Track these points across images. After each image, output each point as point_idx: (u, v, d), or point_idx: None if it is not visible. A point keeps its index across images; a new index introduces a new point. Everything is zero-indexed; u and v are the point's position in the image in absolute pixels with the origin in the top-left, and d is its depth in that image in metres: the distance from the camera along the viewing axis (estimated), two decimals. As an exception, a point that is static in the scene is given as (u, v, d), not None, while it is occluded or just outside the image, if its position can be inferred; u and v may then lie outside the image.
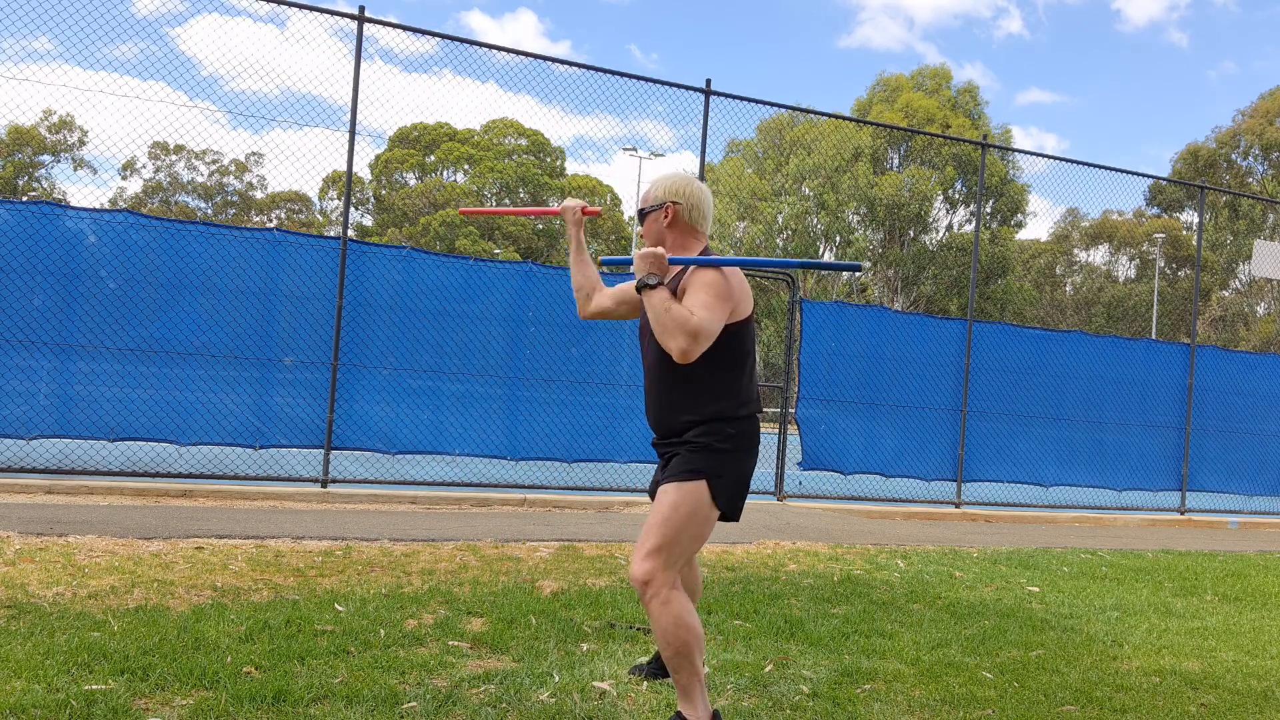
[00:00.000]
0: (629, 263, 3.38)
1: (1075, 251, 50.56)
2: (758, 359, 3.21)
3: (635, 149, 36.68)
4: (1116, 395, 12.28)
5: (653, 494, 3.17)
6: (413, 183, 49.16)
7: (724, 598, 5.14)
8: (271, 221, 49.66)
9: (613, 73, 9.96)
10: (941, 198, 41.76)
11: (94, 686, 3.10)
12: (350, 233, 9.99)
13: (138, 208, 42.95)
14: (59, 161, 45.70)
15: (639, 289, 3.04)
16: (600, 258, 3.45)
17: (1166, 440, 12.58)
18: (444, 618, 4.30)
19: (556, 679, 3.55)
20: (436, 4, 76.42)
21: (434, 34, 9.39)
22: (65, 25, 8.10)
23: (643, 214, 3.27)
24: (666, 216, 3.20)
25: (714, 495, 3.05)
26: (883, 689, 3.75)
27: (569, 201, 3.60)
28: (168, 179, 49.55)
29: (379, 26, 9.09)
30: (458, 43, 9.58)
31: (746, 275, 3.29)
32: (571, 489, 9.54)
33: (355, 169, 8.94)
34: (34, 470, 7.84)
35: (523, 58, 9.97)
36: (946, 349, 11.37)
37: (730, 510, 3.12)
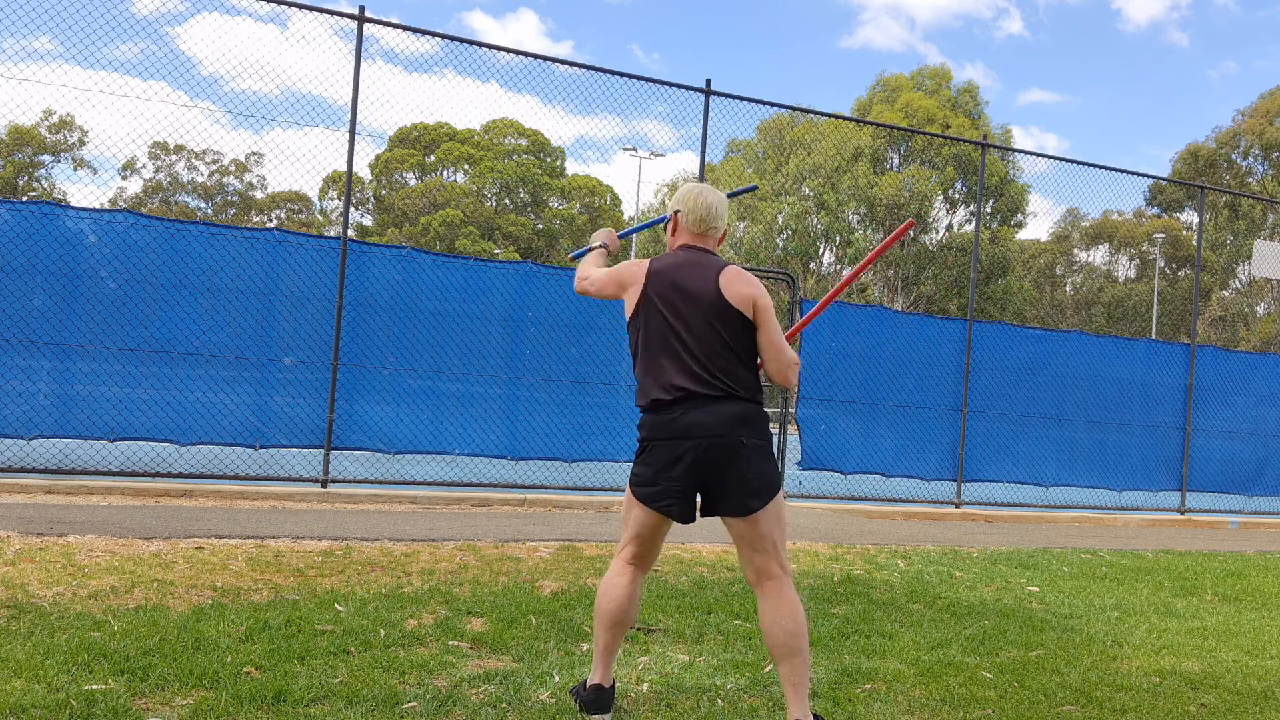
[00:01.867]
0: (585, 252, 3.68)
1: (1075, 251, 50.57)
2: (693, 348, 3.14)
3: (635, 149, 36.72)
4: (1116, 395, 12.28)
5: None
6: (413, 183, 49.16)
7: (724, 598, 5.14)
8: (271, 221, 49.65)
9: (613, 73, 9.97)
10: (941, 198, 41.76)
11: (94, 686, 3.10)
12: (350, 233, 10.00)
13: (138, 208, 42.97)
14: (59, 161, 45.71)
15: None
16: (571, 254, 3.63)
17: (1166, 440, 12.58)
18: (444, 618, 4.30)
19: (556, 679, 3.55)
20: (438, 4, 76.38)
21: (434, 34, 9.40)
22: (66, 25, 8.10)
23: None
24: (673, 223, 3.42)
25: (629, 485, 3.28)
26: (883, 689, 3.75)
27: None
28: (168, 179, 49.55)
29: (381, 26, 9.10)
30: (459, 43, 9.60)
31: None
32: (571, 489, 9.54)
33: (355, 169, 8.95)
34: (34, 470, 7.84)
35: (524, 58, 9.98)
36: (946, 349, 11.37)
37: (644, 499, 3.18)
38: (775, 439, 10.71)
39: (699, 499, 3.21)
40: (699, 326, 3.14)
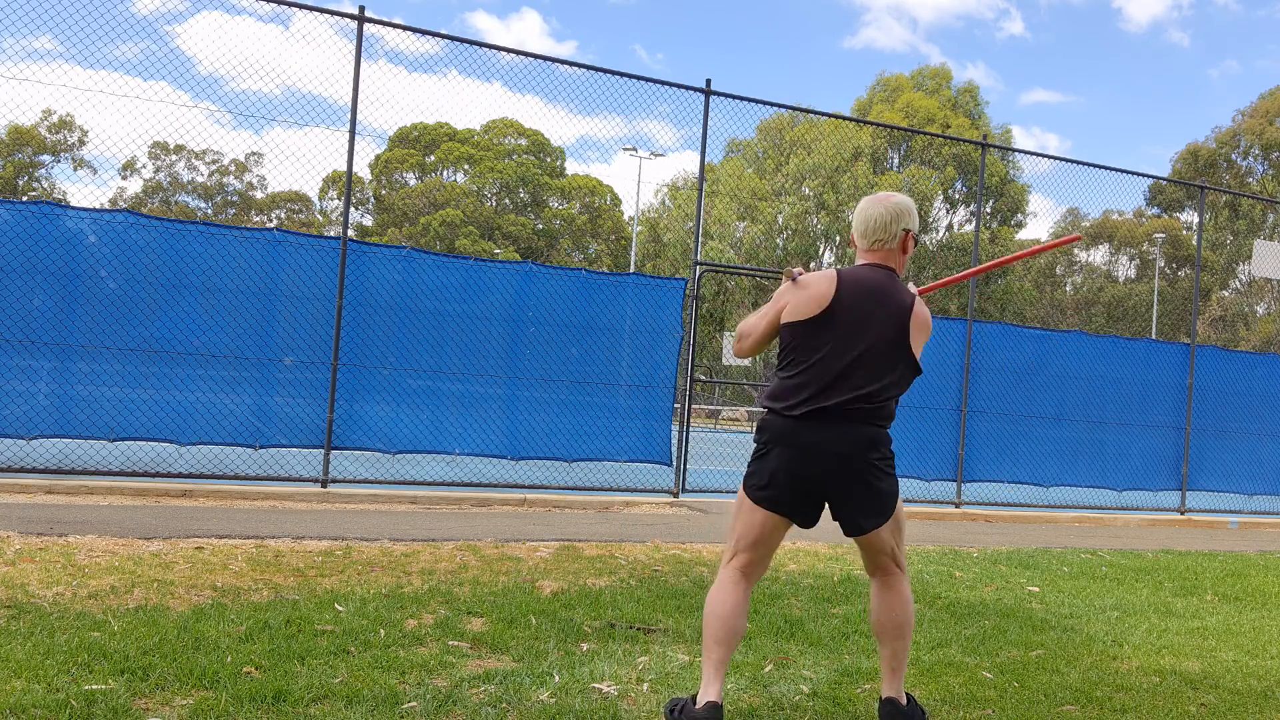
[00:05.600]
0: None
1: (1075, 251, 50.55)
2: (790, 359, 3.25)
3: (635, 149, 36.71)
4: (1117, 395, 12.27)
5: None
6: (413, 183, 49.16)
7: (724, 598, 5.14)
8: (271, 221, 49.66)
9: (614, 73, 9.97)
10: (941, 198, 41.78)
11: (94, 686, 3.10)
12: (350, 233, 9.99)
13: (138, 208, 42.96)
14: (59, 161, 45.72)
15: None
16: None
17: (1166, 440, 12.57)
18: (444, 618, 4.30)
19: (556, 679, 3.55)
20: (442, 4, 76.41)
21: (435, 34, 9.40)
22: (66, 24, 8.10)
23: None
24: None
25: (744, 486, 3.30)
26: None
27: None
28: (168, 179, 49.56)
29: (384, 26, 9.10)
30: (462, 43, 9.60)
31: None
32: (571, 489, 9.54)
33: (355, 169, 8.94)
34: (34, 470, 7.84)
35: (527, 58, 9.97)
36: (946, 349, 11.37)
37: (760, 500, 3.22)
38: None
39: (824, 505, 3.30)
40: (877, 347, 3.20)
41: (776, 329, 3.31)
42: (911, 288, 3.35)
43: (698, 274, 10.35)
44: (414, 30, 9.29)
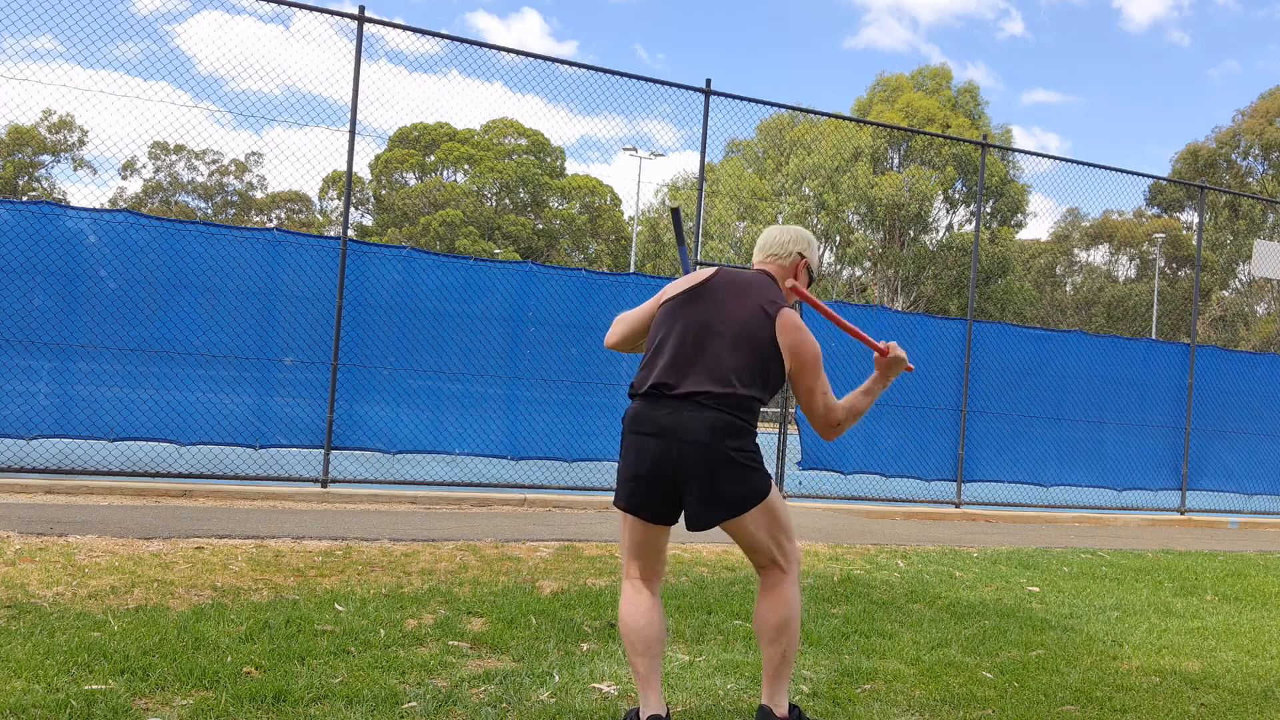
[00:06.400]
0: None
1: (1075, 251, 50.57)
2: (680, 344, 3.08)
3: (635, 149, 36.72)
4: (1116, 395, 12.28)
5: None
6: (413, 183, 49.16)
7: (724, 598, 5.14)
8: (271, 221, 49.66)
9: (614, 73, 9.97)
10: (941, 198, 41.78)
11: (94, 686, 3.10)
12: (350, 233, 9.99)
13: (138, 208, 42.96)
14: (59, 161, 45.73)
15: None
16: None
17: (1166, 440, 12.58)
18: (444, 618, 4.30)
19: (556, 679, 3.55)
20: (442, 4, 76.43)
21: (435, 34, 9.41)
22: (66, 24, 8.10)
23: None
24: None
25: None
26: (883, 689, 3.75)
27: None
28: (168, 179, 49.56)
29: (385, 26, 9.10)
30: (462, 44, 9.60)
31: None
32: (571, 489, 9.54)
33: (355, 169, 8.95)
34: (34, 470, 7.84)
35: (528, 58, 9.98)
36: (946, 349, 11.37)
37: (620, 501, 3.08)
38: (775, 439, 10.79)
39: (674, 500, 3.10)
40: (737, 336, 3.08)
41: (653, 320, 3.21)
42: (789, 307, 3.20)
43: (698, 274, 10.34)
44: (414, 30, 9.30)
